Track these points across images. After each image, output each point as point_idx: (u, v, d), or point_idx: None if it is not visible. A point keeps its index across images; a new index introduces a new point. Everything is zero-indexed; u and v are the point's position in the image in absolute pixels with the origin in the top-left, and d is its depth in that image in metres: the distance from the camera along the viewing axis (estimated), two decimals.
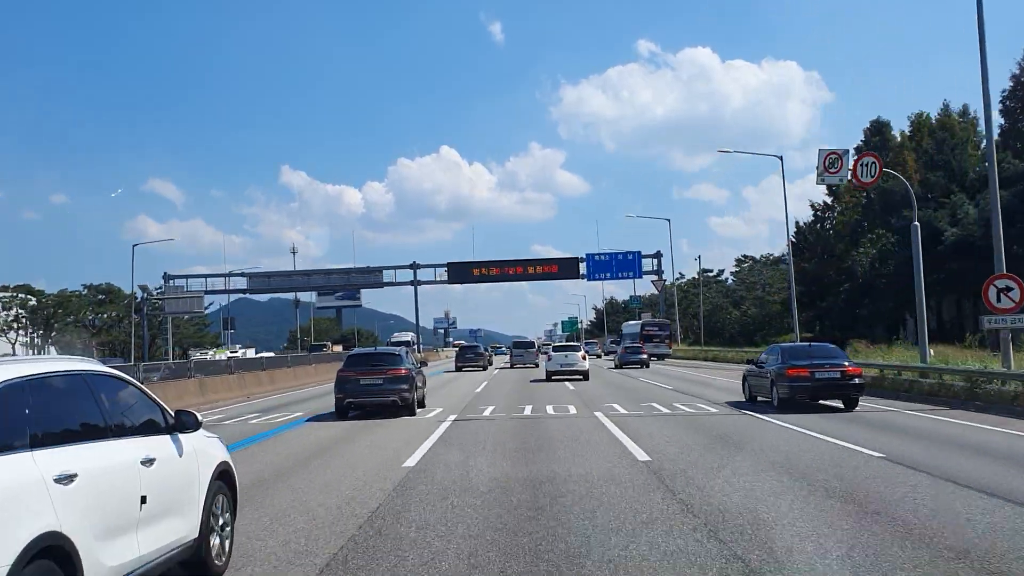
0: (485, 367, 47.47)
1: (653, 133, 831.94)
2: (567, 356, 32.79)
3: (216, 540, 5.82)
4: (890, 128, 61.31)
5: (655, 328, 64.03)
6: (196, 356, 58.63)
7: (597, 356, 66.41)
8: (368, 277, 78.15)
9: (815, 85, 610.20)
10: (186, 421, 5.57)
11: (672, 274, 79.24)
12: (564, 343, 44.51)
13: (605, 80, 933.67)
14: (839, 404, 17.61)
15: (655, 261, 74.67)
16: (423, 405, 20.11)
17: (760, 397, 19.03)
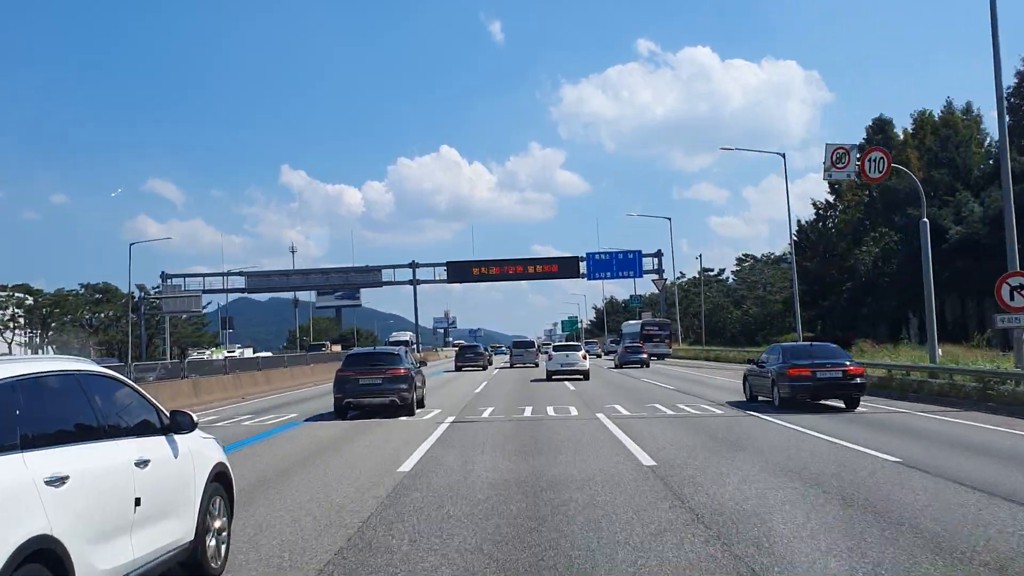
0: (485, 367, 47.37)
1: (653, 133, 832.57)
2: (568, 356, 32.71)
3: (212, 543, 5.70)
4: (892, 126, 60.79)
5: (655, 328, 63.90)
6: (193, 356, 58.16)
7: (597, 356, 66.02)
8: (367, 276, 77.65)
9: (815, 85, 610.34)
10: (181, 422, 5.45)
11: (673, 273, 78.85)
12: (565, 343, 44.82)
13: (605, 80, 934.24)
14: (840, 404, 17.41)
15: (656, 260, 74.15)
16: (422, 405, 19.93)
17: (761, 397, 18.85)
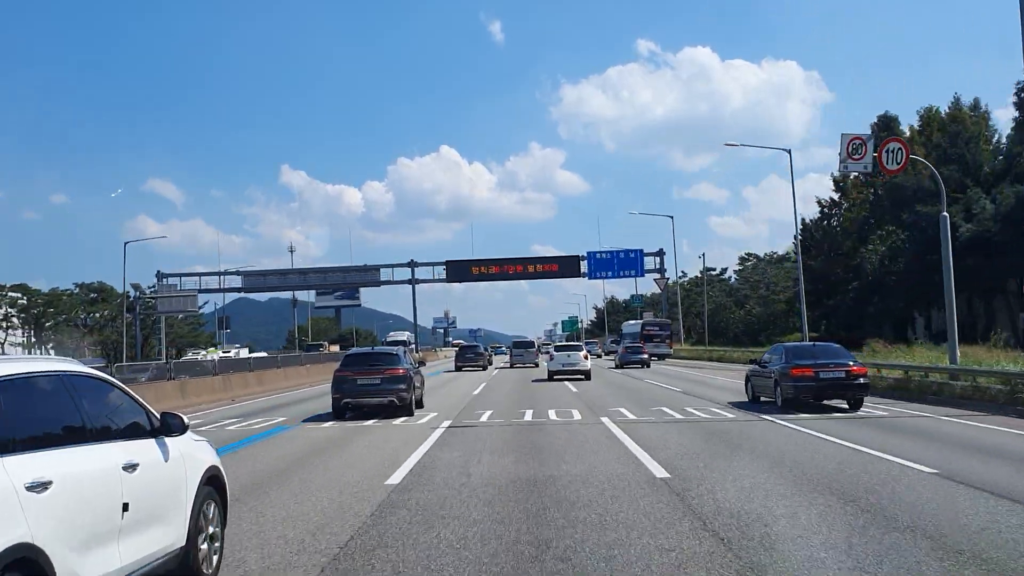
0: (485, 367, 47.26)
1: (653, 133, 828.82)
2: (569, 356, 32.63)
3: (204, 548, 5.49)
4: (898, 123, 59.67)
5: (656, 328, 63.53)
6: (188, 356, 57.24)
7: (597, 356, 65.19)
8: (365, 276, 76.67)
9: (815, 85, 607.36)
10: (172, 424, 5.25)
11: (675, 273, 77.90)
12: (566, 343, 45.02)
13: (605, 80, 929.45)
14: (843, 404, 17.31)
15: (657, 259, 73.15)
16: (421, 405, 19.68)
17: (764, 397, 18.65)
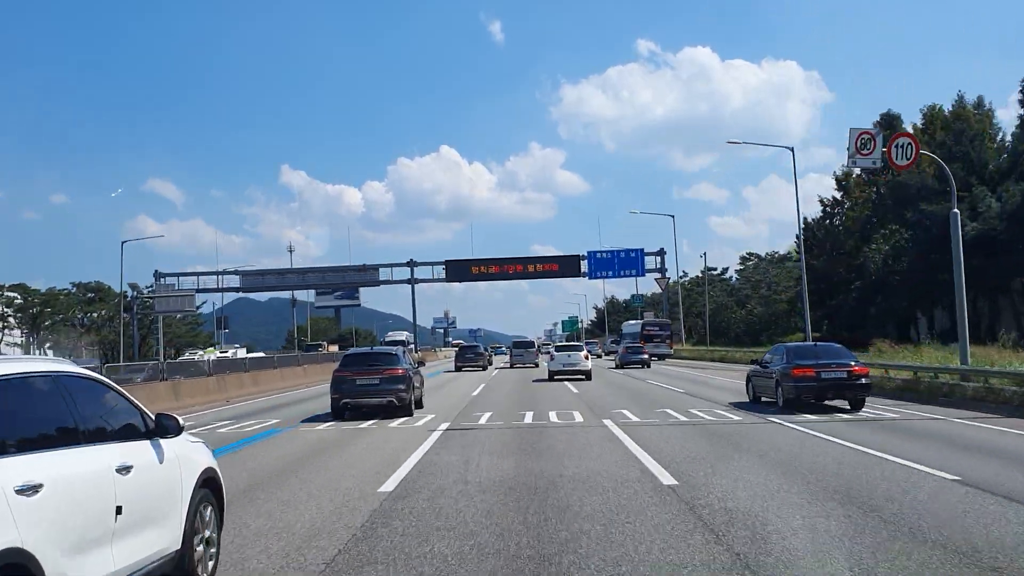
0: (485, 367, 47.13)
1: (653, 133, 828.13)
2: (570, 356, 32.64)
3: (200, 552, 5.38)
4: (901, 121, 59.18)
5: (656, 328, 63.49)
6: (185, 356, 56.75)
7: (598, 356, 64.78)
8: (364, 275, 76.16)
9: (815, 85, 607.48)
10: (167, 426, 5.15)
11: (676, 272, 77.42)
12: (567, 343, 44.91)
13: (605, 80, 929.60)
14: (842, 405, 17.34)
15: (658, 259, 72.66)
16: (420, 406, 19.58)
17: (764, 397, 18.66)
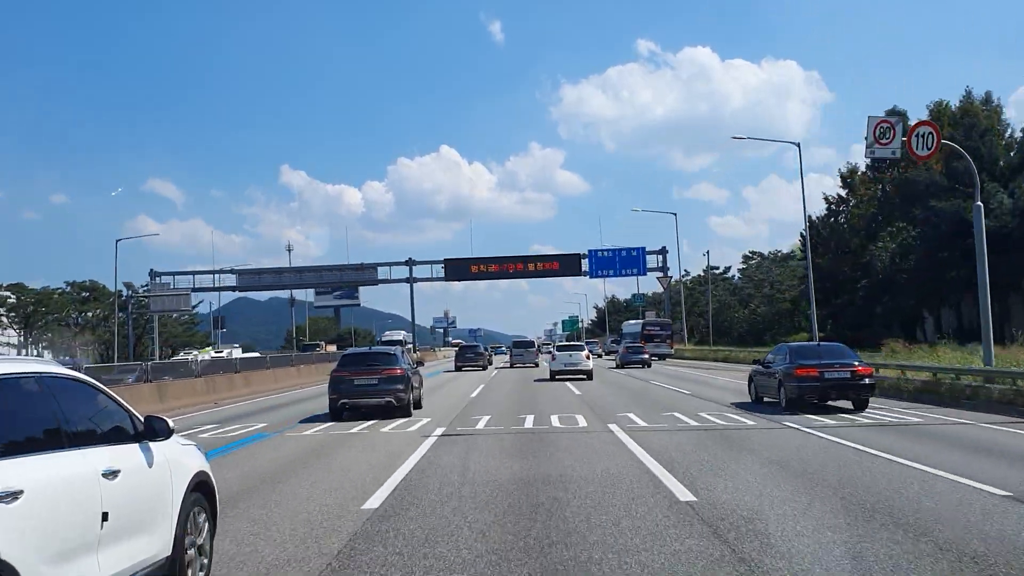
0: (485, 367, 46.81)
1: (653, 133, 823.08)
2: (571, 356, 32.42)
3: (192, 558, 5.21)
4: (907, 117, 58.32)
5: (656, 328, 63.23)
6: (179, 356, 55.87)
7: (598, 356, 64.01)
8: (362, 274, 75.23)
9: (815, 85, 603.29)
10: (157, 428, 4.98)
11: (678, 271, 76.60)
12: (569, 343, 44.49)
13: (605, 80, 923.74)
14: (848, 405, 17.17)
15: (660, 258, 71.78)
16: (419, 406, 19.36)
17: (767, 398, 18.68)
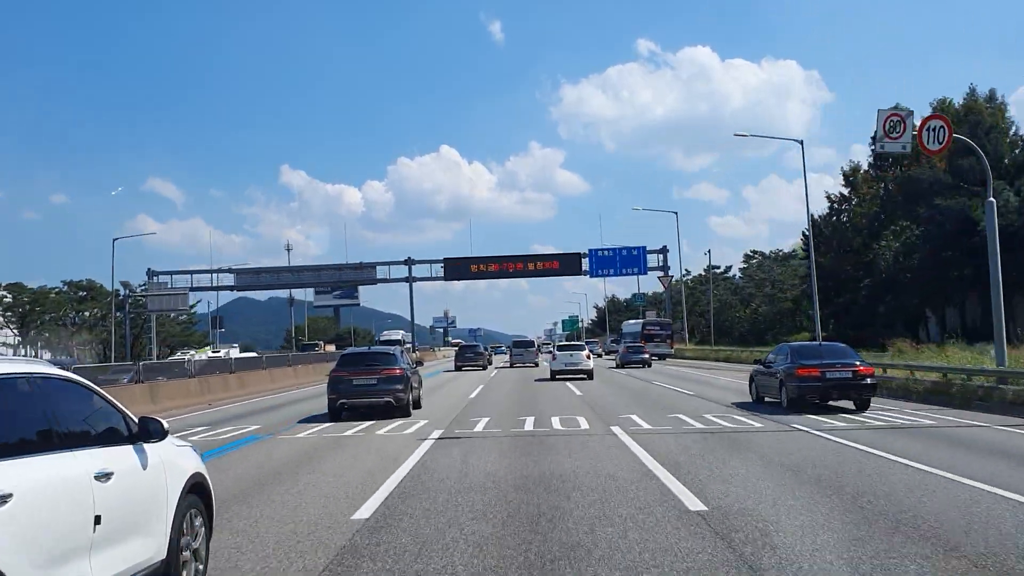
0: (485, 367, 46.71)
1: (653, 133, 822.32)
2: (572, 355, 32.40)
3: (187, 561, 5.12)
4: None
5: (656, 327, 63.11)
6: (176, 356, 55.42)
7: (598, 356, 63.64)
8: (361, 274, 74.71)
9: (815, 85, 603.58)
10: (151, 429, 4.91)
11: (679, 271, 76.09)
12: (569, 343, 44.43)
13: (605, 80, 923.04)
14: (850, 405, 17.17)
15: (661, 257, 71.29)
16: (419, 406, 19.31)
17: (768, 398, 18.67)
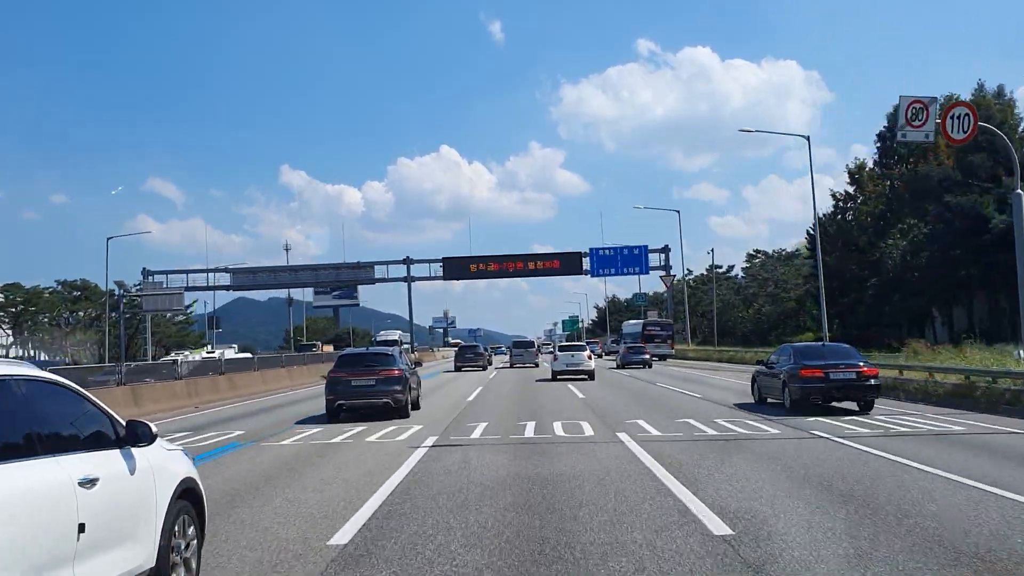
0: (485, 367, 46.41)
1: (653, 133, 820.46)
2: (573, 356, 32.26)
3: (179, 568, 4.94)
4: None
5: (657, 328, 62.47)
6: (170, 356, 54.51)
7: (598, 356, 62.70)
8: (359, 273, 73.80)
9: (815, 85, 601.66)
10: (139, 433, 4.69)
11: (682, 270, 75.09)
12: (571, 343, 44.27)
13: (605, 80, 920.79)
14: (853, 406, 17.05)
15: (662, 256, 70.29)
16: (417, 407, 19.24)
17: (770, 399, 18.61)
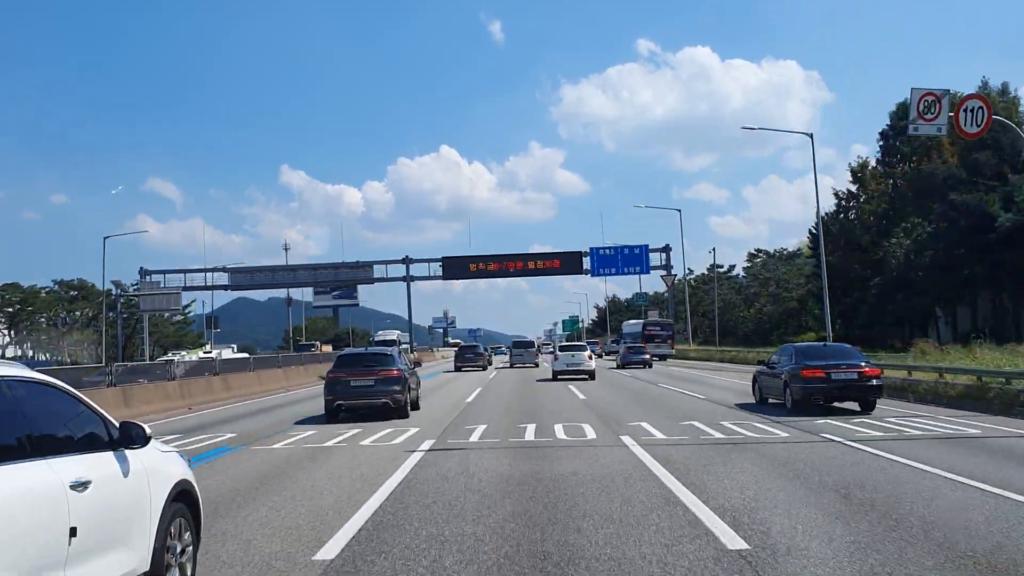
0: (484, 367, 46.31)
1: (653, 133, 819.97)
2: (574, 356, 32.17)
3: (174, 572, 4.88)
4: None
5: (657, 328, 62.15)
6: (166, 357, 54.08)
7: (598, 356, 62.31)
8: (358, 273, 73.36)
9: (815, 85, 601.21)
10: (134, 434, 4.60)
11: (683, 270, 74.63)
12: (571, 343, 44.18)
13: (605, 80, 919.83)
14: (855, 406, 16.94)
15: (663, 255, 69.89)
16: (417, 407, 19.17)
17: (772, 399, 18.60)
